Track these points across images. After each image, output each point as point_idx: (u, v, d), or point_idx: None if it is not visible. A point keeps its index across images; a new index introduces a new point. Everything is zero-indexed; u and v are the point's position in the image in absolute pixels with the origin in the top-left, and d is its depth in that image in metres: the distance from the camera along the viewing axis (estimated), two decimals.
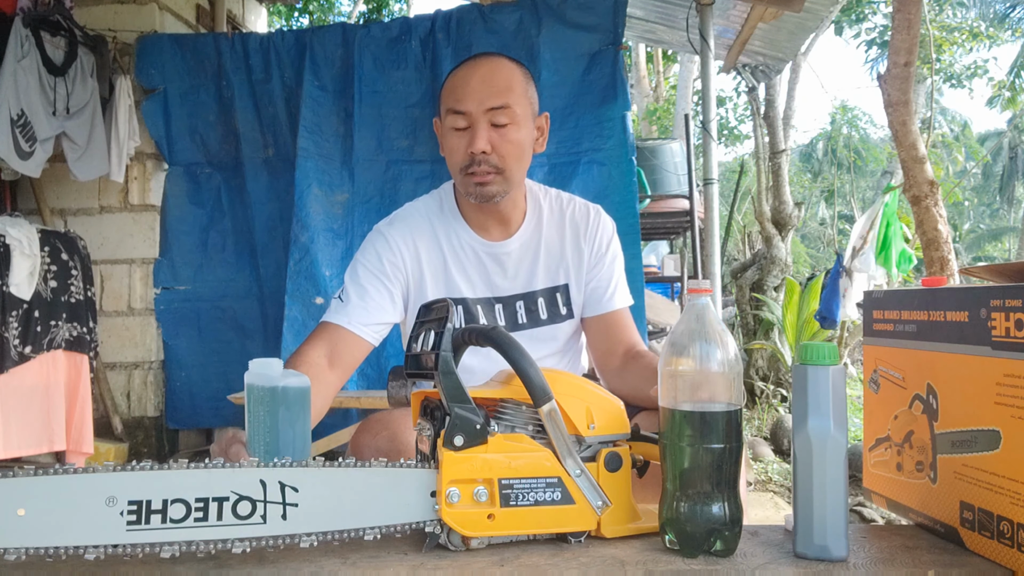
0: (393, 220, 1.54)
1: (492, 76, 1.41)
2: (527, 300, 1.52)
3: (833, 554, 0.87)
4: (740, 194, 10.88)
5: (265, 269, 3.54)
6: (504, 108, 1.39)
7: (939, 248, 3.41)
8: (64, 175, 3.31)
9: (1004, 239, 22.37)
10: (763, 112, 7.07)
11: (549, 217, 1.55)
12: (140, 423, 3.55)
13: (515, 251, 1.52)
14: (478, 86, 1.40)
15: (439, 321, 0.94)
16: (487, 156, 1.39)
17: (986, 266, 1.11)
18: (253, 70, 3.53)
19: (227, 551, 0.81)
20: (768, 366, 6.15)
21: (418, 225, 1.51)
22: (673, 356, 0.91)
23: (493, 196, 1.43)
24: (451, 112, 1.41)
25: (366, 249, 1.50)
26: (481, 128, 1.39)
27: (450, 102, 1.42)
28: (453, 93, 1.42)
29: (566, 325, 1.54)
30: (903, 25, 3.30)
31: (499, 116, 1.39)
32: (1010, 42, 13.64)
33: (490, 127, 1.39)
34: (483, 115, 1.39)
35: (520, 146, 1.43)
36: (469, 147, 1.39)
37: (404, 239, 1.49)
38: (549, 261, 1.54)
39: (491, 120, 1.39)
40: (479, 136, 1.38)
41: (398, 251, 1.48)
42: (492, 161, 1.40)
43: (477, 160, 1.39)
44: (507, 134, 1.40)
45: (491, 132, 1.39)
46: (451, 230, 1.51)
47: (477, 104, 1.39)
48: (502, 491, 0.89)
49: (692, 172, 4.48)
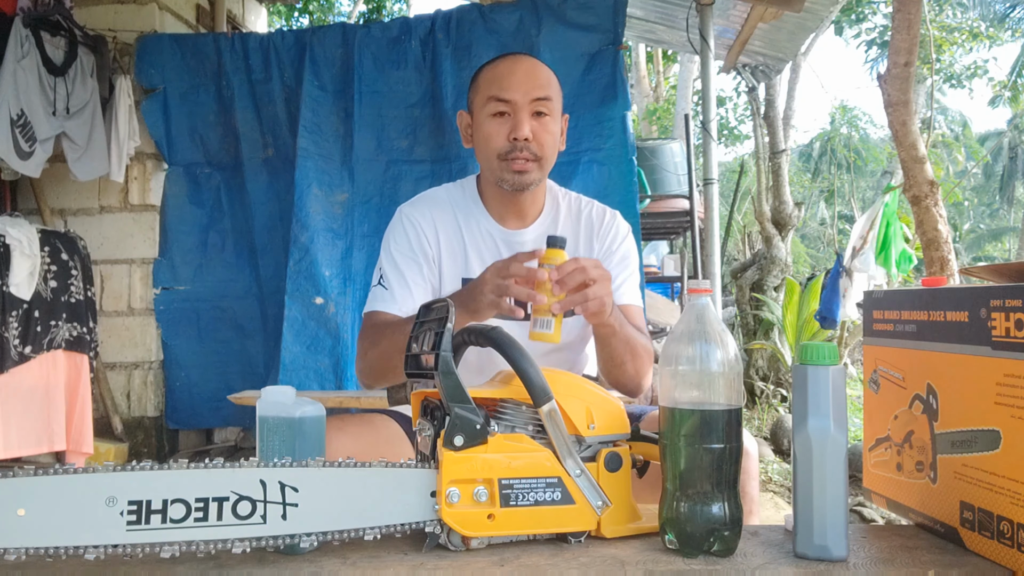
0: (416, 201, 1.59)
1: (536, 70, 1.48)
2: None
3: (833, 554, 0.87)
4: (740, 194, 10.87)
5: (265, 269, 3.54)
6: (547, 100, 1.46)
7: (939, 248, 3.41)
8: (64, 175, 3.31)
9: (1004, 239, 22.36)
10: (763, 112, 7.07)
11: (566, 215, 1.60)
12: (140, 423, 3.55)
13: (530, 242, 1.54)
14: (524, 77, 1.46)
15: (439, 321, 0.94)
16: (528, 143, 1.44)
17: (986, 266, 1.11)
18: (253, 70, 3.53)
19: (227, 551, 0.81)
20: (768, 366, 6.15)
21: (440, 206, 1.56)
22: (673, 356, 0.91)
23: (529, 184, 1.47)
24: (493, 99, 1.45)
25: (395, 232, 1.54)
26: (524, 116, 1.44)
27: (493, 90, 1.46)
28: (497, 82, 1.46)
29: (572, 321, 1.55)
30: (903, 25, 3.30)
31: (541, 106, 1.45)
32: (1010, 42, 13.64)
33: (532, 116, 1.44)
34: (527, 104, 1.44)
35: (556, 138, 1.50)
36: (512, 133, 1.43)
37: (425, 218, 1.54)
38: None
39: (534, 110, 1.45)
40: (523, 123, 1.43)
41: (422, 229, 1.53)
42: (532, 149, 1.45)
43: (519, 147, 1.44)
44: (547, 124, 1.46)
45: (533, 121, 1.44)
46: (470, 215, 1.56)
47: (523, 93, 1.44)
48: (502, 491, 0.89)
49: (692, 172, 4.48)
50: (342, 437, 1.32)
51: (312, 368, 3.33)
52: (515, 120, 1.44)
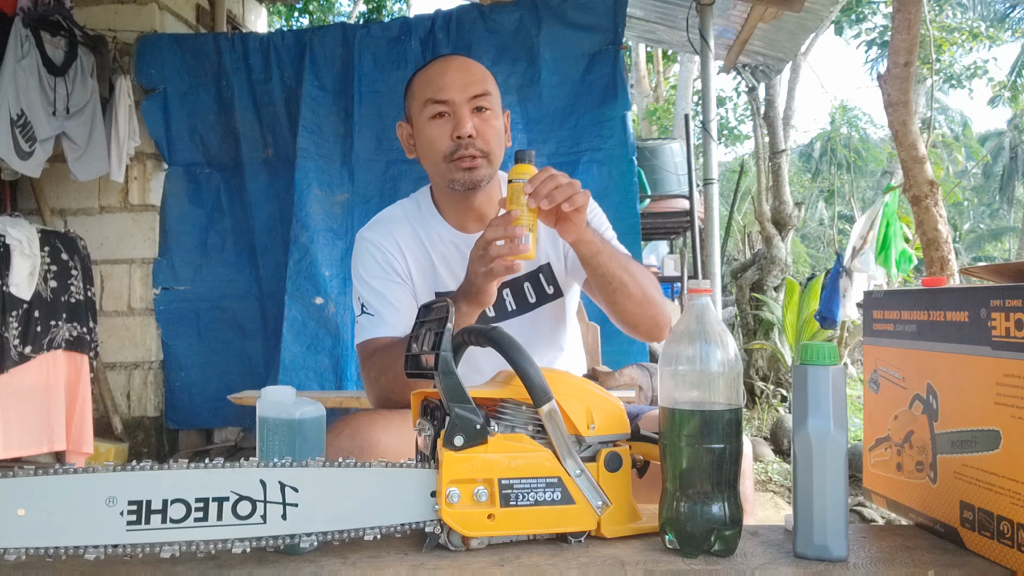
0: (373, 224, 1.56)
1: (469, 67, 1.46)
2: (512, 287, 1.52)
3: (833, 554, 0.87)
4: (740, 194, 10.87)
5: (265, 269, 3.54)
6: (485, 95, 1.44)
7: (939, 248, 3.41)
8: (64, 175, 3.31)
9: (1004, 239, 22.36)
10: (763, 112, 7.07)
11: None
12: (140, 423, 3.55)
13: None
14: (457, 75, 1.44)
15: (439, 321, 0.94)
16: (473, 140, 1.41)
17: (986, 266, 1.11)
18: (253, 70, 3.53)
19: (227, 551, 0.81)
20: (768, 366, 6.15)
21: (397, 224, 1.53)
22: (673, 356, 0.91)
23: (480, 181, 1.44)
24: (430, 102, 1.43)
25: (361, 259, 1.51)
26: (465, 113, 1.41)
27: (429, 93, 1.44)
28: (431, 84, 1.44)
29: (556, 304, 1.55)
30: (903, 25, 3.30)
31: (481, 102, 1.43)
32: (1010, 42, 13.64)
33: (472, 113, 1.42)
34: (466, 102, 1.42)
35: (499, 132, 1.47)
36: (455, 132, 1.41)
37: (387, 239, 1.51)
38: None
39: (473, 107, 1.42)
40: (465, 120, 1.41)
41: (387, 250, 1.50)
42: (478, 145, 1.42)
43: (463, 144, 1.41)
44: (489, 119, 1.44)
45: (474, 118, 1.42)
46: (430, 227, 1.53)
47: (459, 92, 1.42)
48: (502, 491, 0.89)
49: (692, 172, 4.48)
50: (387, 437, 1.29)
51: (312, 368, 3.33)
52: (456, 119, 1.41)
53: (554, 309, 1.55)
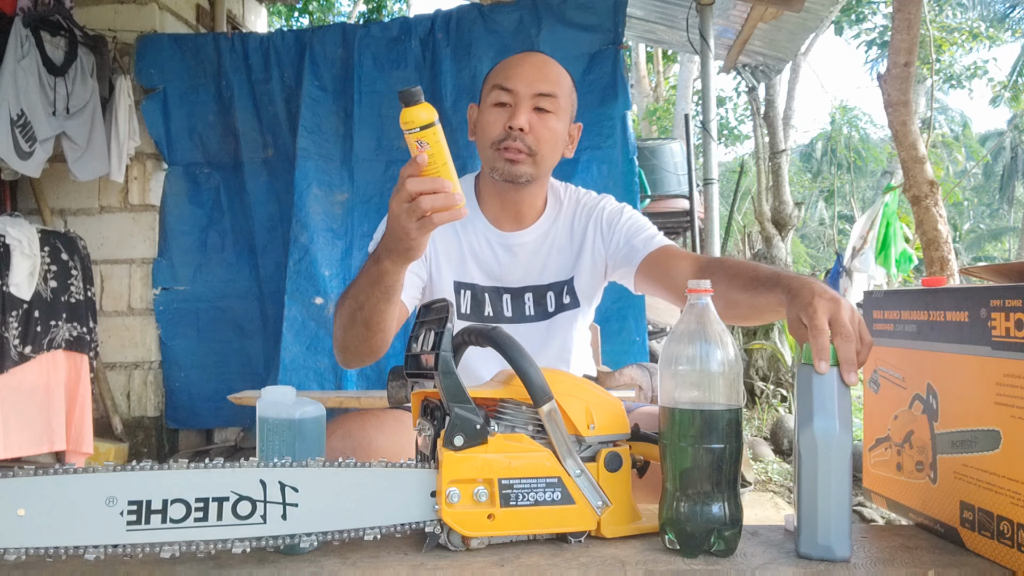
0: None
1: (545, 66, 1.46)
2: (536, 293, 1.53)
3: (836, 554, 0.87)
4: (740, 194, 10.86)
5: (265, 269, 3.54)
6: (550, 96, 1.43)
7: (939, 248, 3.41)
8: (64, 175, 3.31)
9: (1004, 239, 22.37)
10: (763, 112, 7.08)
11: (567, 216, 1.56)
12: (140, 423, 3.55)
13: (529, 243, 1.53)
14: (530, 70, 1.44)
15: (439, 321, 0.94)
16: (523, 134, 1.41)
17: (986, 266, 1.11)
18: (253, 70, 3.53)
19: (227, 551, 0.81)
20: (768, 366, 6.14)
21: None
22: (673, 356, 0.91)
23: (519, 176, 1.44)
24: (496, 88, 1.44)
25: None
26: (524, 107, 1.42)
27: (498, 79, 1.45)
28: (503, 71, 1.46)
29: (574, 314, 1.55)
30: (903, 25, 3.30)
31: (544, 102, 1.43)
32: (1010, 42, 13.64)
33: (532, 110, 1.43)
34: (529, 97, 1.42)
35: (556, 136, 1.45)
36: (509, 122, 1.41)
37: None
38: (560, 257, 1.55)
39: (535, 104, 1.43)
40: (521, 113, 1.41)
41: None
42: (527, 141, 1.42)
43: (513, 136, 1.41)
44: (547, 120, 1.43)
45: (532, 114, 1.42)
46: (467, 217, 1.51)
47: (526, 85, 1.42)
48: (502, 491, 0.89)
49: (692, 172, 4.48)
50: (380, 437, 1.29)
51: (312, 368, 3.33)
52: (515, 109, 1.42)
53: (571, 318, 1.55)
